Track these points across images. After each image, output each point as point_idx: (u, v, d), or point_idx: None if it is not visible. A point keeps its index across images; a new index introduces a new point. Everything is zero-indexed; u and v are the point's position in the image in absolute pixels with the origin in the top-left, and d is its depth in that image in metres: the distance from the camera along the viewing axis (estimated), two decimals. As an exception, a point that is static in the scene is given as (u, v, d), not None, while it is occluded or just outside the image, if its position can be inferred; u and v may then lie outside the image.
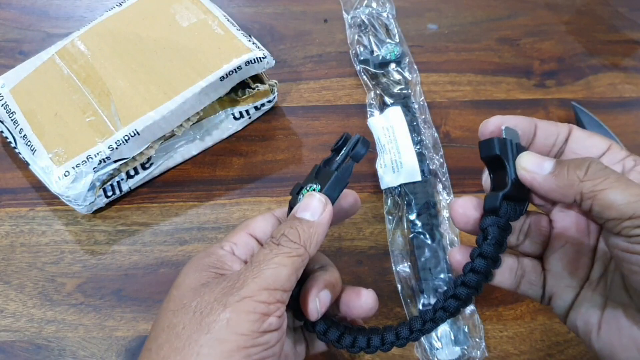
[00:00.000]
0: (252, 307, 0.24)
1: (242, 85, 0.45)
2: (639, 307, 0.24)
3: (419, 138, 0.44)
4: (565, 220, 0.27)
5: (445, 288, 0.38)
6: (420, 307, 0.38)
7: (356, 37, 0.51)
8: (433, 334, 0.37)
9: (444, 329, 0.37)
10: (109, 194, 0.41)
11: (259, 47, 0.43)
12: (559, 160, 0.25)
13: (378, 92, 0.48)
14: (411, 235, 0.40)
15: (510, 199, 0.26)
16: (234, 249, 0.29)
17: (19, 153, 0.41)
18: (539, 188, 0.25)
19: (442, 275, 0.39)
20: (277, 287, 0.25)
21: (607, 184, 0.22)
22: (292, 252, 0.26)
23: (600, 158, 0.26)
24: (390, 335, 0.28)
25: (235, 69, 0.41)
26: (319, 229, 0.27)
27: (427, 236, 0.40)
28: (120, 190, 0.42)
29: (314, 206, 0.27)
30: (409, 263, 0.40)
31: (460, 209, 0.28)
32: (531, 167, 0.25)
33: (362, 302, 0.30)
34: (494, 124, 0.27)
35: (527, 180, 0.25)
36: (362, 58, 0.49)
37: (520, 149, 0.26)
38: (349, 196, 0.32)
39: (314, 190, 0.28)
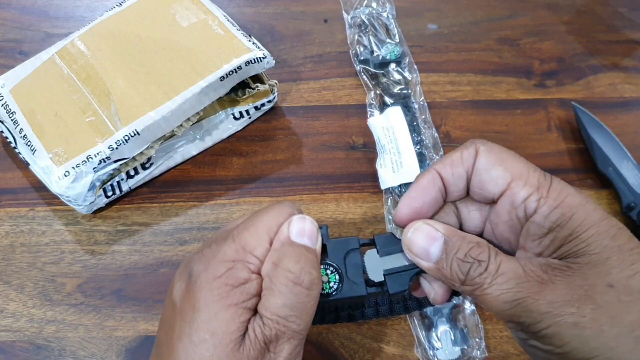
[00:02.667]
0: None
1: (242, 85, 0.45)
2: None
3: (419, 138, 0.44)
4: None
5: None
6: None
7: (356, 37, 0.51)
8: (433, 334, 0.37)
9: (444, 329, 0.37)
10: (109, 194, 0.41)
11: (259, 47, 0.43)
12: (446, 240, 0.23)
13: (378, 92, 0.48)
14: (411, 235, 0.40)
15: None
16: (258, 269, 0.25)
17: (19, 153, 0.41)
18: (428, 272, 0.24)
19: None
20: (305, 334, 0.24)
21: (484, 291, 0.22)
22: (317, 293, 0.24)
23: (502, 196, 0.24)
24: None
25: (235, 69, 0.41)
26: (318, 256, 0.26)
27: (427, 236, 0.40)
28: (120, 190, 0.42)
29: (314, 232, 0.26)
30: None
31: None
32: (417, 250, 0.24)
33: None
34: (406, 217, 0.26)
35: (413, 261, 0.25)
36: (362, 58, 0.49)
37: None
38: None
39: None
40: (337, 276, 0.26)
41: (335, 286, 0.26)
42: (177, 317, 0.24)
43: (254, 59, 0.42)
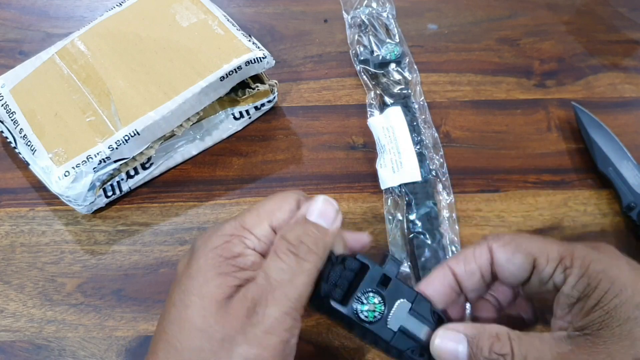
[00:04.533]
0: (277, 341, 0.23)
1: (242, 85, 0.45)
2: None
3: (419, 138, 0.44)
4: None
5: None
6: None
7: (356, 37, 0.51)
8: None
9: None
10: (109, 194, 0.41)
11: (259, 47, 0.43)
12: (470, 342, 0.24)
13: (378, 92, 0.48)
14: (411, 235, 0.40)
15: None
16: (255, 246, 0.27)
17: (19, 153, 0.41)
18: None
19: (442, 275, 0.38)
20: (299, 308, 0.24)
21: None
22: (312, 267, 0.25)
23: (530, 280, 0.26)
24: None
25: (235, 69, 0.41)
26: (332, 239, 0.27)
27: (427, 236, 0.40)
28: (120, 190, 0.42)
29: (330, 214, 0.27)
30: (409, 263, 0.40)
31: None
32: (446, 357, 0.25)
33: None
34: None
35: None
36: (362, 58, 0.49)
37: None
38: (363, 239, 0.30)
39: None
40: (382, 308, 0.26)
41: (375, 318, 0.26)
42: (175, 287, 0.26)
43: (254, 59, 0.42)
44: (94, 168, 0.39)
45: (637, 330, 0.22)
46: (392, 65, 0.49)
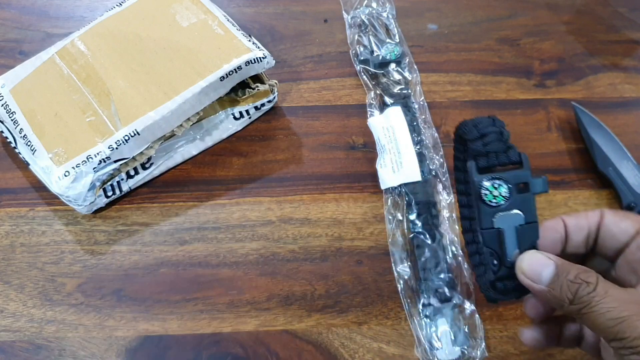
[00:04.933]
0: None
1: (242, 85, 0.45)
2: None
3: (419, 138, 0.44)
4: None
5: (445, 289, 0.38)
6: (421, 307, 0.38)
7: (356, 37, 0.51)
8: (433, 334, 0.37)
9: (444, 329, 0.37)
10: (109, 194, 0.41)
11: (259, 47, 0.43)
12: (558, 266, 0.25)
13: (378, 92, 0.48)
14: (411, 235, 0.40)
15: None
16: None
17: (19, 153, 0.41)
18: (536, 295, 0.26)
19: (442, 275, 0.39)
20: None
21: (591, 309, 0.23)
22: None
23: (629, 244, 0.26)
24: None
25: (235, 69, 0.41)
26: None
27: (427, 236, 0.40)
28: (120, 190, 0.42)
29: None
30: (409, 263, 0.40)
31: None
32: (530, 273, 0.25)
33: None
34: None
35: (524, 284, 0.26)
36: (362, 58, 0.49)
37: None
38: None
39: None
40: (501, 202, 0.26)
41: (489, 203, 0.26)
42: None
43: (254, 59, 0.42)
44: (94, 168, 0.39)
45: None
46: (392, 65, 0.49)
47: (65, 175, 0.38)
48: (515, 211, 0.26)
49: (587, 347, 0.29)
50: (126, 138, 0.39)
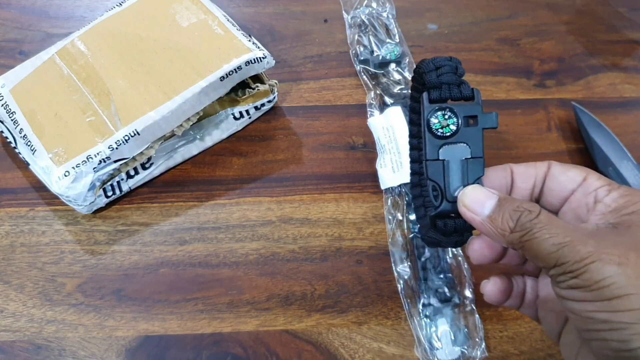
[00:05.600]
0: None
1: (242, 85, 0.45)
2: (594, 352, 0.23)
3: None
4: None
5: (445, 289, 0.38)
6: (421, 307, 0.38)
7: (356, 37, 0.51)
8: (433, 334, 0.37)
9: (444, 329, 0.37)
10: (109, 194, 0.41)
11: (259, 47, 0.43)
12: (501, 199, 0.24)
13: (378, 92, 0.48)
14: (411, 235, 0.40)
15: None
16: None
17: (19, 153, 0.41)
18: (478, 228, 0.25)
19: (442, 275, 0.39)
20: None
21: (532, 235, 0.23)
22: None
23: (575, 190, 0.26)
24: None
25: (235, 69, 0.41)
26: None
27: (427, 236, 0.40)
28: (120, 190, 0.42)
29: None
30: (409, 263, 0.40)
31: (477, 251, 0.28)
32: (472, 205, 0.25)
33: None
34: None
35: (466, 217, 0.25)
36: (362, 58, 0.49)
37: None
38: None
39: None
40: (448, 133, 0.26)
41: (436, 132, 0.26)
42: None
43: (254, 59, 0.42)
44: (94, 168, 0.39)
45: None
46: (392, 65, 0.49)
47: (65, 175, 0.38)
48: (462, 144, 0.26)
49: (526, 308, 0.29)
50: (126, 138, 0.39)
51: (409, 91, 0.47)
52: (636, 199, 0.24)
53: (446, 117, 0.26)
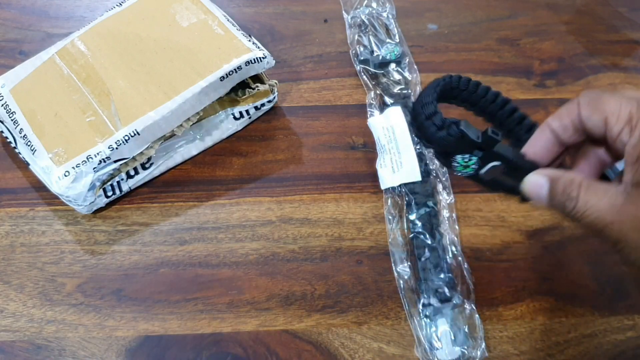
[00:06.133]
0: None
1: (242, 85, 0.45)
2: None
3: (419, 138, 0.44)
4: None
5: (445, 289, 0.38)
6: (421, 307, 0.38)
7: (356, 37, 0.51)
8: (433, 334, 0.37)
9: (444, 329, 0.37)
10: (109, 194, 0.41)
11: (259, 47, 0.43)
12: (551, 183, 0.29)
13: (378, 92, 0.48)
14: (411, 235, 0.40)
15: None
16: None
17: (19, 153, 0.41)
18: (546, 205, 0.29)
19: (442, 275, 0.39)
20: None
21: (578, 220, 0.27)
22: None
23: (604, 136, 0.28)
24: None
25: (235, 69, 0.41)
26: None
27: (427, 236, 0.40)
28: (120, 190, 0.42)
29: None
30: (409, 263, 0.40)
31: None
32: (533, 195, 0.30)
33: None
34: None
35: (534, 203, 0.30)
36: (362, 58, 0.49)
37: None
38: None
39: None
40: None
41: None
42: None
43: (254, 59, 0.42)
44: (94, 168, 0.39)
45: None
46: (392, 65, 0.49)
47: (65, 175, 0.38)
48: (493, 164, 0.30)
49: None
50: (126, 138, 0.39)
51: (409, 91, 0.47)
52: None
53: (466, 160, 0.31)
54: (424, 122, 0.30)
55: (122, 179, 0.41)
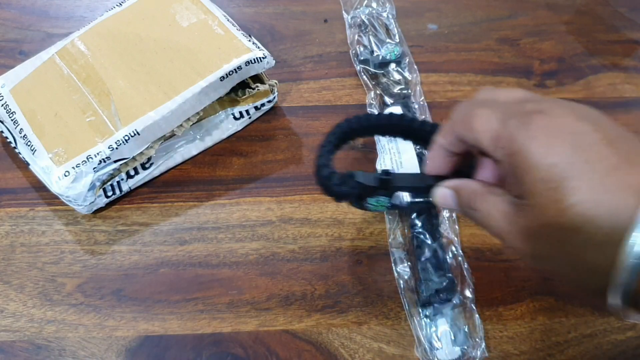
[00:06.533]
0: None
1: (242, 85, 0.45)
2: None
3: (419, 138, 0.44)
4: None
5: (445, 289, 0.38)
6: (421, 307, 0.38)
7: (356, 37, 0.51)
8: (433, 334, 0.37)
9: (444, 329, 0.37)
10: (109, 194, 0.41)
11: (259, 47, 0.43)
12: (457, 193, 0.30)
13: (378, 92, 0.48)
14: (411, 235, 0.40)
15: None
16: None
17: (19, 153, 0.41)
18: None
19: (442, 275, 0.38)
20: None
21: (480, 220, 0.29)
22: None
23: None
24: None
25: (235, 69, 0.41)
26: None
27: (427, 236, 0.40)
28: (120, 190, 0.42)
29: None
30: (409, 263, 0.40)
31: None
32: (444, 205, 0.31)
33: None
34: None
35: (444, 207, 0.32)
36: (362, 58, 0.49)
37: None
38: None
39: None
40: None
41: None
42: None
43: (254, 59, 0.42)
44: (94, 168, 0.39)
45: (549, 204, 0.25)
46: (392, 65, 0.49)
47: (65, 175, 0.38)
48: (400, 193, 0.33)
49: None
50: (126, 138, 0.39)
51: (409, 91, 0.47)
52: (513, 160, 0.26)
53: (376, 202, 0.33)
54: (325, 183, 0.32)
55: (122, 179, 0.41)
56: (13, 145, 0.42)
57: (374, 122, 0.36)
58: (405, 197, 0.34)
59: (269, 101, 0.46)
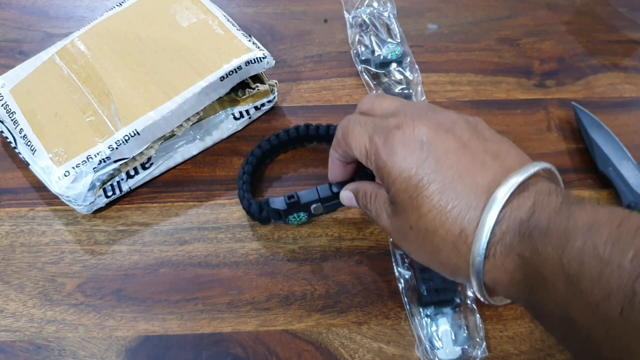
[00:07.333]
0: None
1: (242, 85, 0.45)
2: None
3: (419, 138, 0.44)
4: None
5: (446, 289, 0.38)
6: (421, 307, 0.38)
7: (357, 36, 0.51)
8: (434, 333, 0.37)
9: (445, 328, 0.37)
10: (109, 194, 0.41)
11: (259, 47, 0.43)
12: (356, 195, 0.34)
13: (379, 92, 0.48)
14: (411, 235, 0.40)
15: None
16: None
17: (19, 153, 0.41)
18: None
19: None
20: None
21: (375, 218, 0.33)
22: None
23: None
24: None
25: (235, 69, 0.41)
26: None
27: (427, 236, 0.40)
28: (120, 190, 0.42)
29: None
30: (409, 263, 0.40)
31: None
32: (348, 203, 0.36)
33: None
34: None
35: (352, 207, 0.36)
36: (363, 58, 0.49)
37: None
38: None
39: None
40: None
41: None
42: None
43: (254, 59, 0.42)
44: (94, 168, 0.39)
45: (408, 209, 0.28)
46: (394, 65, 0.49)
47: (65, 175, 0.38)
48: (313, 205, 0.38)
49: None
50: (126, 138, 0.39)
51: (410, 91, 0.47)
52: (380, 173, 0.30)
53: (297, 217, 0.39)
54: (249, 211, 0.39)
55: (122, 179, 0.41)
56: (13, 145, 0.42)
57: (283, 138, 0.43)
58: (318, 209, 0.38)
59: (269, 101, 0.46)
